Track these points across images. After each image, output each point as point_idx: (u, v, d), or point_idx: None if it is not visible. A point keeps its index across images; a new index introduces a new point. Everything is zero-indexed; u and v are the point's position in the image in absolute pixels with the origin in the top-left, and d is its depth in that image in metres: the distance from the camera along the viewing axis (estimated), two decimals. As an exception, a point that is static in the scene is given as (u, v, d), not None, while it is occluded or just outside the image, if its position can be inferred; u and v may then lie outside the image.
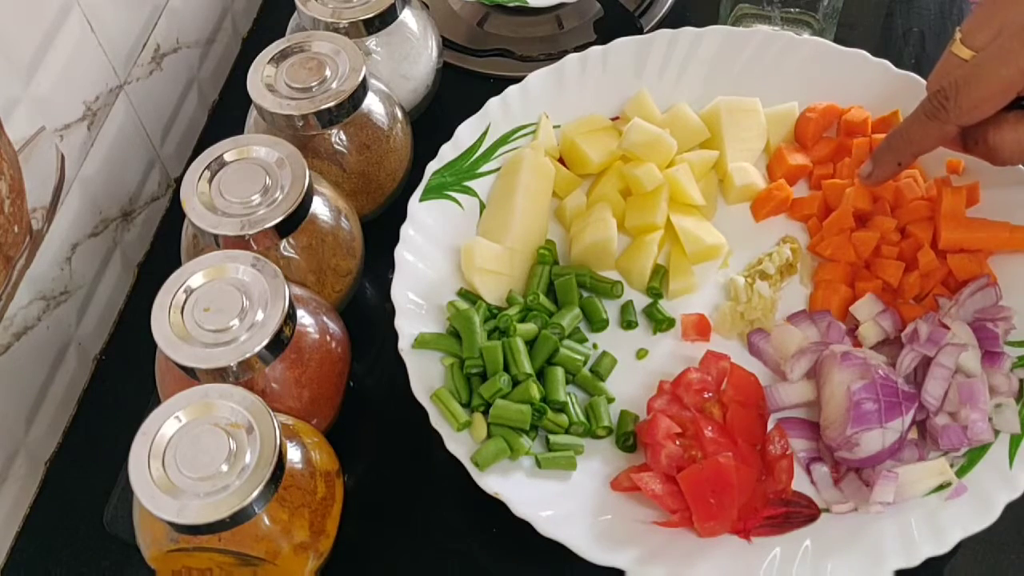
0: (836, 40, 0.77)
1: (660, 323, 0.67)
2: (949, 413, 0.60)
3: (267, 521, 0.53)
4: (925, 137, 0.59)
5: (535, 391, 0.61)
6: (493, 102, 0.73)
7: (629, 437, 0.62)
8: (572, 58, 0.75)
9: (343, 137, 0.69)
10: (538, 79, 0.74)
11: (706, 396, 0.62)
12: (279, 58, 0.68)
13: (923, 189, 0.68)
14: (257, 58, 0.68)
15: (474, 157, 0.72)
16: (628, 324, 0.67)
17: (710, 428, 0.60)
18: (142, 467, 0.51)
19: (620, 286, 0.68)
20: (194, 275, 0.58)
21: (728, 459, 0.58)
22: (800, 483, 0.60)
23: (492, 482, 0.59)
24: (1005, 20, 0.54)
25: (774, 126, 0.73)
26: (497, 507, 0.58)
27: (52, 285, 0.68)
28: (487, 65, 0.85)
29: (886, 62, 0.72)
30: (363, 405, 0.68)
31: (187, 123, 0.84)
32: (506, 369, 0.62)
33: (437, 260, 0.68)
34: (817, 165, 0.72)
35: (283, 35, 0.73)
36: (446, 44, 0.84)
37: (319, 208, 0.64)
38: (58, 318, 0.69)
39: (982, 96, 0.55)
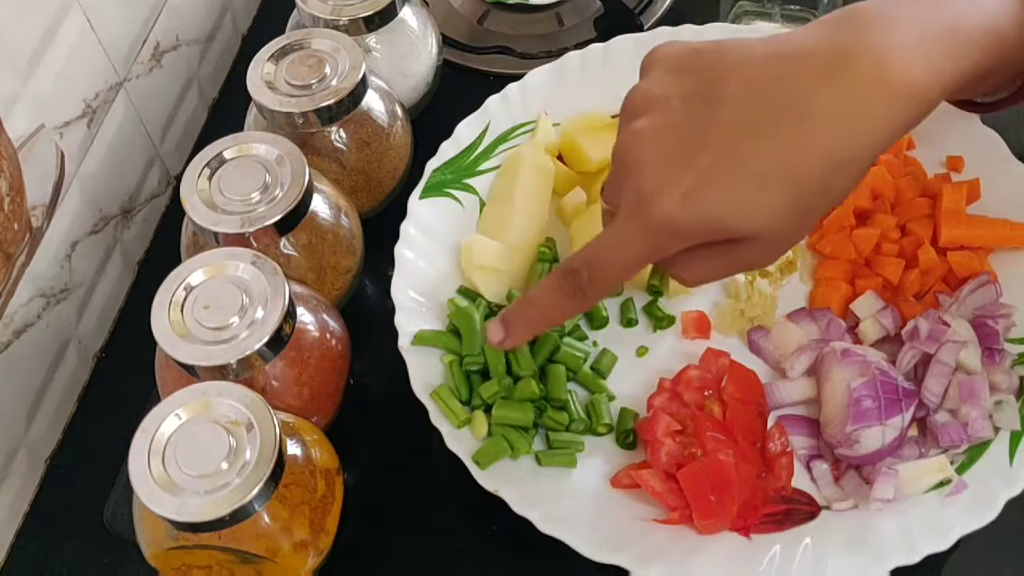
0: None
1: (660, 321, 0.67)
2: (949, 410, 0.60)
3: (267, 519, 0.53)
4: (562, 312, 0.54)
5: (535, 388, 0.61)
6: (493, 100, 0.73)
7: (629, 434, 0.62)
8: (572, 55, 0.75)
9: (343, 134, 0.69)
10: (538, 77, 0.74)
11: (706, 393, 0.62)
12: (279, 55, 0.68)
13: (923, 186, 0.68)
14: (257, 55, 0.68)
15: (474, 155, 0.72)
16: (628, 322, 0.67)
17: (710, 425, 0.60)
18: (142, 465, 0.51)
19: (620, 284, 0.68)
20: (194, 273, 0.58)
21: (728, 456, 0.58)
22: (800, 480, 0.60)
23: (492, 480, 0.59)
24: (624, 189, 0.50)
25: (774, 123, 0.73)
26: (497, 505, 0.58)
27: (52, 283, 0.68)
28: (487, 62, 0.85)
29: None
30: (363, 403, 0.68)
31: (187, 120, 0.84)
32: (508, 368, 0.62)
33: (437, 258, 0.68)
34: (817, 162, 0.72)
35: (283, 32, 0.73)
36: (446, 41, 0.84)
37: (319, 206, 0.64)
38: (58, 316, 0.69)
39: (612, 277, 0.51)
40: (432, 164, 0.71)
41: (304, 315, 0.60)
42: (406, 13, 0.75)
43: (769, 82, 0.47)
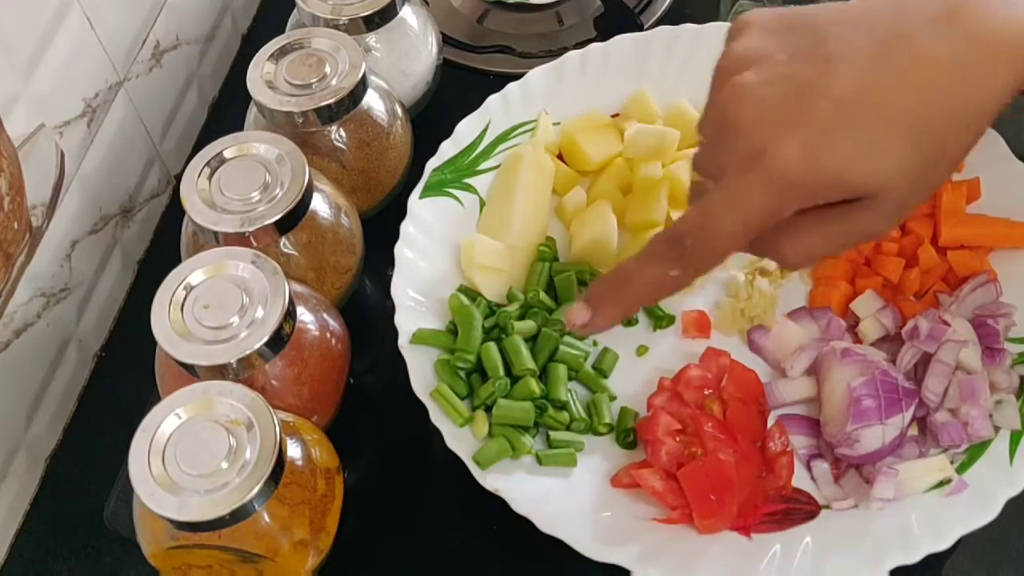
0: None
1: (660, 320, 0.67)
2: (949, 409, 0.60)
3: (267, 518, 0.53)
4: (660, 288, 0.50)
5: (535, 387, 0.61)
6: (493, 99, 0.73)
7: (629, 434, 0.62)
8: (572, 55, 0.75)
9: (343, 134, 0.69)
10: (538, 76, 0.74)
11: (706, 393, 0.62)
12: (279, 55, 0.68)
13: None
14: (257, 55, 0.68)
15: (474, 154, 0.72)
16: (628, 321, 0.67)
17: (710, 425, 0.60)
18: (142, 464, 0.51)
19: (620, 283, 0.68)
20: (194, 272, 0.58)
21: (728, 456, 0.58)
22: (800, 480, 0.60)
23: (492, 479, 0.59)
24: (734, 146, 0.47)
25: (774, 123, 0.73)
26: (497, 504, 0.58)
27: (52, 282, 0.68)
28: (487, 62, 0.85)
29: (886, 58, 0.72)
30: (363, 402, 0.68)
31: (187, 120, 0.84)
32: (506, 369, 0.62)
33: (437, 257, 0.68)
34: (817, 162, 0.72)
35: (283, 32, 0.73)
36: (446, 41, 0.84)
37: (319, 205, 0.64)
38: (58, 315, 0.69)
39: (722, 244, 0.47)
40: (432, 163, 0.71)
41: (304, 314, 0.60)
42: (406, 12, 0.75)
43: (882, 30, 0.45)
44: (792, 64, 0.47)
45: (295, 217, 0.62)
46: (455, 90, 0.82)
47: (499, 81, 0.75)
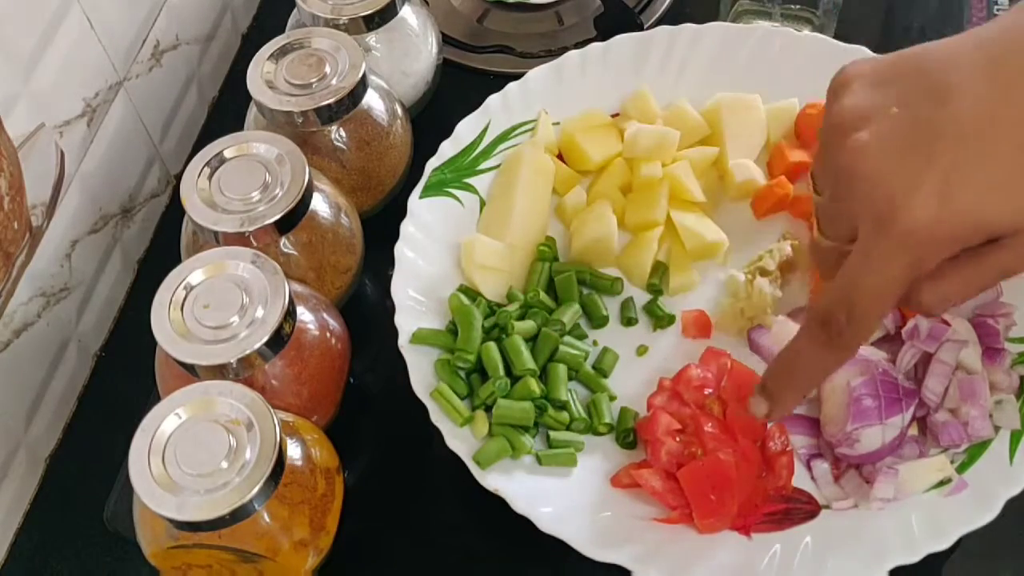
0: (836, 36, 0.76)
1: (660, 320, 0.67)
2: (949, 409, 0.60)
3: (267, 518, 0.53)
4: (827, 367, 0.51)
5: (535, 386, 0.61)
6: (493, 99, 0.73)
7: (629, 434, 0.62)
8: (572, 55, 0.75)
9: (343, 134, 0.69)
10: (538, 75, 0.74)
11: (706, 393, 0.62)
12: (279, 54, 0.68)
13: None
14: (257, 54, 0.68)
15: (474, 154, 0.72)
16: (628, 321, 0.67)
17: (710, 424, 0.60)
18: (142, 464, 0.51)
19: (620, 283, 0.68)
20: (194, 272, 0.58)
21: (728, 455, 0.58)
22: (800, 479, 0.60)
23: (492, 479, 0.59)
24: (860, 209, 0.45)
25: (774, 123, 0.73)
26: (497, 503, 0.58)
27: (52, 282, 0.68)
28: (487, 61, 0.85)
29: (887, 58, 0.72)
30: (363, 402, 0.68)
31: (187, 120, 0.84)
32: (506, 369, 0.62)
33: (437, 257, 0.68)
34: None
35: (283, 31, 0.73)
36: (446, 40, 0.84)
37: (319, 205, 0.64)
38: (58, 315, 0.69)
39: (874, 311, 0.47)
40: (432, 163, 0.71)
41: (304, 314, 0.60)
42: (406, 12, 0.75)
43: (995, 64, 0.44)
44: (907, 112, 0.45)
45: (295, 217, 0.62)
46: (455, 90, 0.82)
47: (499, 81, 0.75)
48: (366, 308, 0.72)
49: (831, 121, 0.49)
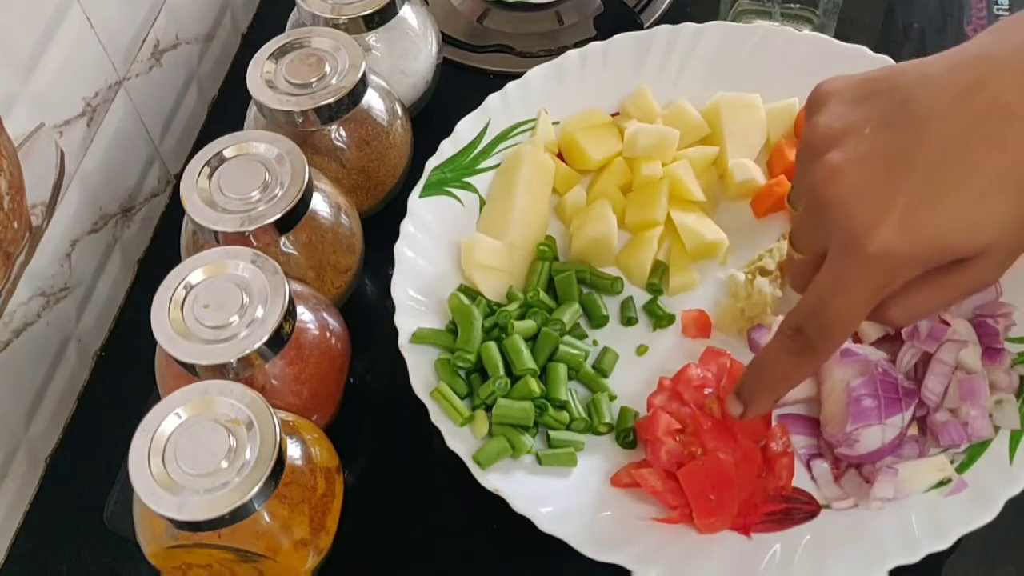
0: (836, 36, 0.76)
1: (660, 319, 0.67)
2: (949, 409, 0.60)
3: (267, 517, 0.53)
4: (798, 373, 0.53)
5: (535, 386, 0.61)
6: (493, 98, 0.73)
7: (629, 433, 0.62)
8: (572, 54, 0.75)
9: (343, 133, 0.69)
10: (538, 75, 0.74)
11: (706, 392, 0.62)
12: (279, 54, 0.68)
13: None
14: (257, 54, 0.68)
15: (474, 153, 0.72)
16: (628, 320, 0.67)
17: (710, 424, 0.60)
18: (142, 463, 0.51)
19: (620, 282, 0.68)
20: (194, 271, 0.58)
21: (728, 455, 0.58)
22: (800, 479, 0.60)
23: (492, 479, 0.59)
24: (830, 229, 0.47)
25: (774, 122, 0.73)
26: (497, 503, 0.58)
27: (52, 281, 0.68)
28: (487, 61, 0.85)
29: (887, 58, 0.72)
30: (363, 401, 0.68)
31: (187, 119, 0.84)
32: (506, 369, 0.62)
33: (437, 256, 0.68)
34: (817, 161, 0.72)
35: (283, 31, 0.73)
36: (446, 40, 0.84)
37: (319, 204, 0.64)
38: (58, 314, 0.69)
39: (841, 325, 0.48)
40: (432, 163, 0.71)
41: (304, 314, 0.60)
42: (406, 12, 0.75)
43: (969, 91, 0.45)
44: (879, 135, 0.46)
45: (295, 216, 0.62)
46: (455, 89, 0.82)
47: (499, 80, 0.75)
48: (366, 308, 0.72)
49: (806, 140, 0.50)
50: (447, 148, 0.71)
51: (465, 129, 0.72)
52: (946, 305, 0.49)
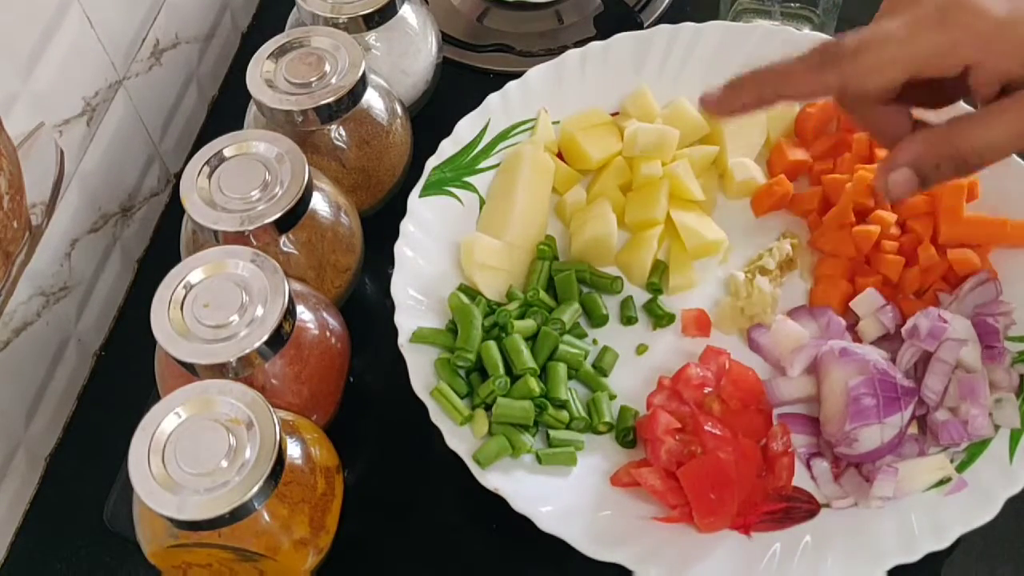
0: (836, 35, 0.76)
1: (660, 319, 0.67)
2: (949, 408, 0.60)
3: (267, 517, 0.53)
4: (805, 81, 0.50)
5: (535, 385, 0.61)
6: (493, 98, 0.73)
7: (629, 433, 0.62)
8: (572, 53, 0.75)
9: (343, 133, 0.69)
10: (538, 74, 0.74)
11: (706, 391, 0.62)
12: (278, 53, 0.68)
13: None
14: (256, 53, 0.68)
15: (474, 153, 0.72)
16: (628, 320, 0.67)
17: (709, 423, 0.60)
18: (142, 463, 0.51)
19: (620, 282, 0.68)
20: (193, 271, 0.58)
21: (728, 454, 0.58)
22: (800, 478, 0.60)
23: (492, 478, 0.59)
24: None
25: (774, 121, 0.73)
26: (497, 502, 0.58)
27: (52, 281, 0.68)
28: (487, 61, 0.85)
29: (886, 57, 0.72)
30: (363, 401, 0.68)
31: (186, 118, 0.84)
32: (506, 368, 0.62)
33: (437, 256, 0.68)
34: (817, 160, 0.72)
35: (282, 30, 0.73)
36: (446, 39, 0.84)
37: (318, 204, 0.64)
38: (57, 314, 0.69)
39: (882, 61, 0.47)
40: (432, 162, 0.71)
41: (304, 313, 0.60)
42: (406, 11, 0.75)
43: None
44: None
45: (295, 216, 0.62)
46: (455, 89, 0.82)
47: (499, 80, 0.75)
48: (366, 307, 0.72)
49: None
50: (447, 148, 0.71)
51: (465, 129, 0.72)
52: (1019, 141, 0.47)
